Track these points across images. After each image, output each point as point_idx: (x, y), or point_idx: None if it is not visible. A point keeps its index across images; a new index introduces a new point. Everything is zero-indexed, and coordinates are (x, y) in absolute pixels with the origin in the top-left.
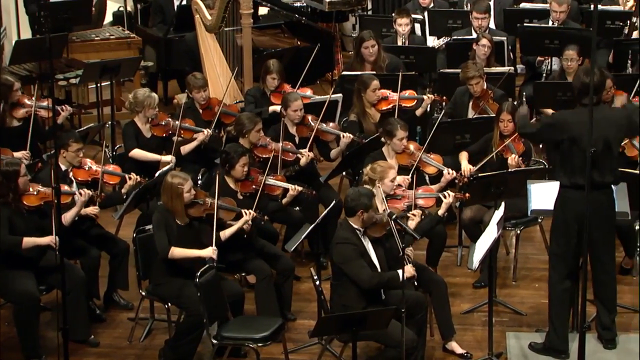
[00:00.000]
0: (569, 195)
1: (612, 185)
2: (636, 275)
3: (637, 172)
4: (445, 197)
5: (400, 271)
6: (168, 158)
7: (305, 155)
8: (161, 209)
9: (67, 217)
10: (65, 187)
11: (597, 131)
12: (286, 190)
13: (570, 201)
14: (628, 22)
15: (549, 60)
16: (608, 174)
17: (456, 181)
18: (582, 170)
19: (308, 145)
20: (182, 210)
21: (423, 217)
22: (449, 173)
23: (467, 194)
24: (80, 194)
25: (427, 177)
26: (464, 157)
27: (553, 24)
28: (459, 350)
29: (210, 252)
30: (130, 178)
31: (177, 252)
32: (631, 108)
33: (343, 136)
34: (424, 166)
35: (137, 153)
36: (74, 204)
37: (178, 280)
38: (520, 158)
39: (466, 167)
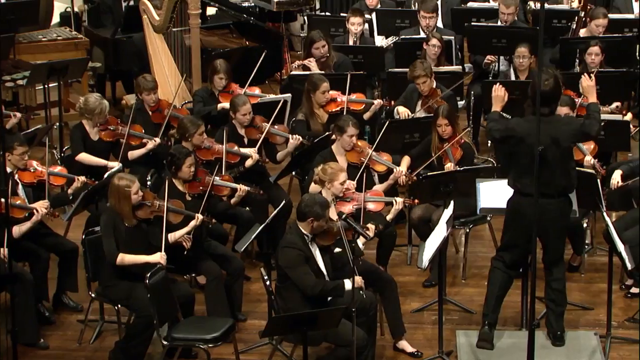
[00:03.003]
0: (518, 201)
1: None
2: (584, 273)
3: (589, 170)
4: (394, 202)
5: (346, 280)
6: (115, 165)
7: (252, 157)
8: (109, 212)
9: (19, 230)
10: (18, 201)
11: (547, 140)
12: (234, 190)
13: (519, 207)
14: (576, 17)
15: (497, 60)
16: (558, 182)
17: (402, 183)
18: (530, 177)
19: (257, 147)
20: (130, 212)
21: (377, 231)
22: (399, 172)
23: (416, 200)
24: (37, 210)
25: (376, 176)
26: (404, 162)
27: (501, 24)
28: (409, 349)
29: (158, 257)
30: (77, 179)
31: (125, 258)
32: (587, 124)
33: (292, 138)
34: (373, 164)
35: (84, 157)
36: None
37: (127, 281)
38: (457, 166)
39: (402, 168)
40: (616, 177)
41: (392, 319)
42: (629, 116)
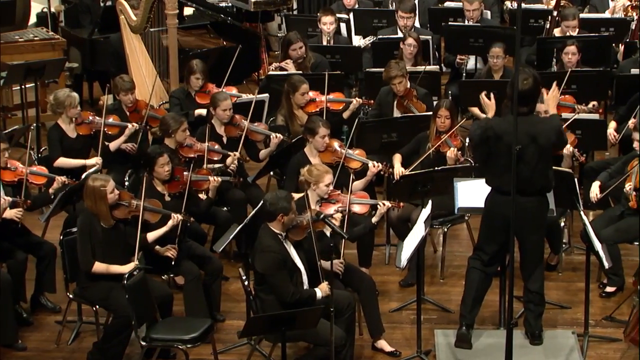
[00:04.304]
0: (496, 199)
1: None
2: (561, 272)
3: (566, 170)
4: (381, 205)
5: (317, 290)
6: (93, 161)
7: (232, 155)
8: (85, 214)
9: None
10: None
11: (526, 138)
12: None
13: (496, 205)
14: (549, 17)
15: (467, 59)
16: (536, 181)
17: (382, 172)
18: (509, 175)
19: (240, 147)
20: (107, 212)
21: (342, 217)
22: (374, 166)
23: (401, 204)
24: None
25: (351, 176)
26: (397, 159)
27: (468, 22)
28: (387, 348)
29: (132, 267)
30: (57, 179)
31: (99, 268)
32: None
33: (274, 137)
34: (348, 162)
35: (62, 162)
36: None
37: (105, 282)
38: (459, 152)
39: (399, 169)
40: (594, 190)
41: (371, 318)
42: (612, 124)
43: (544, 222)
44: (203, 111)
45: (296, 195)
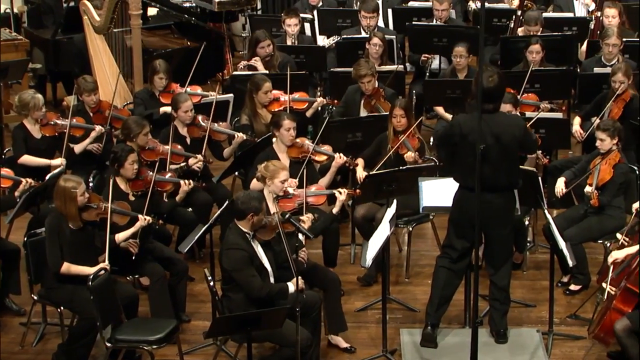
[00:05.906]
0: (464, 196)
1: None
2: (526, 270)
3: (530, 168)
4: (340, 193)
5: (290, 284)
6: (58, 162)
7: (196, 157)
8: (54, 214)
9: None
10: None
11: (491, 135)
12: (176, 185)
13: (464, 201)
14: (513, 17)
15: (432, 58)
16: (502, 178)
17: (347, 165)
18: (474, 173)
19: (204, 148)
20: (76, 214)
21: (314, 221)
22: (339, 157)
23: (358, 190)
24: None
25: (317, 170)
26: (359, 164)
27: (436, 22)
28: (343, 344)
29: (101, 266)
30: (25, 181)
31: (69, 268)
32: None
33: (237, 135)
34: (314, 155)
35: (26, 159)
36: None
37: (70, 284)
38: (417, 154)
39: (361, 174)
40: (560, 185)
41: (331, 314)
42: (577, 120)
43: (512, 217)
44: (168, 109)
45: (255, 185)
